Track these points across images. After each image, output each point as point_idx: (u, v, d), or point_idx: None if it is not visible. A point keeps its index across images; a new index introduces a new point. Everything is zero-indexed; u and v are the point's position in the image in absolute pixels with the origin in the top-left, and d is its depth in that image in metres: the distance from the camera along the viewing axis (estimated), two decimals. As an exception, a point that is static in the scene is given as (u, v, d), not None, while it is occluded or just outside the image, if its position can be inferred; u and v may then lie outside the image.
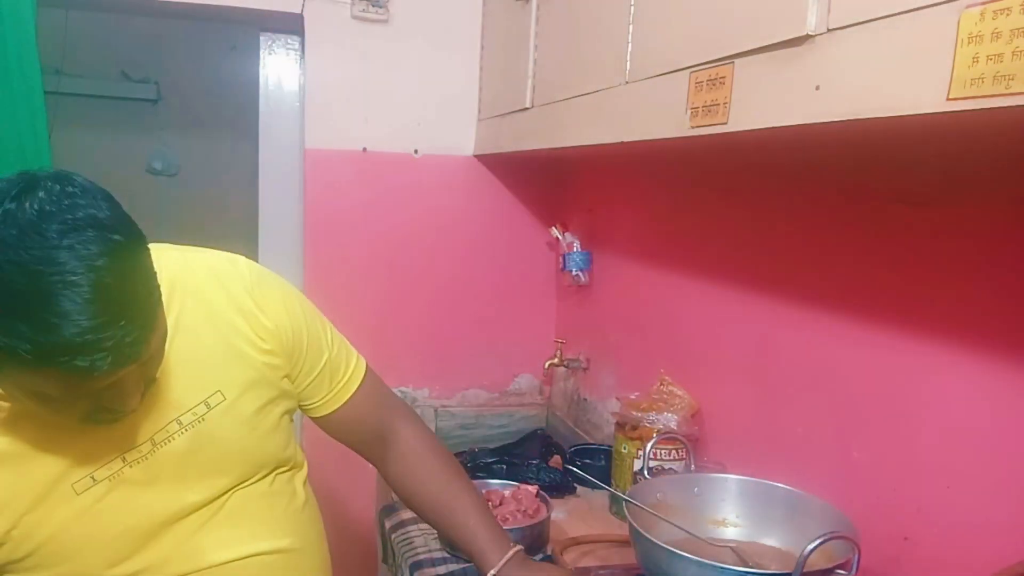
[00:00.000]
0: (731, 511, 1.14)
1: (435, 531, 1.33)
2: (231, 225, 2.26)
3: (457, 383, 2.14)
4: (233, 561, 0.97)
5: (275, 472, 1.03)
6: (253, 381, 0.97)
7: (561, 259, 1.99)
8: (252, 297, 0.98)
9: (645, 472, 1.20)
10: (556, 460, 1.72)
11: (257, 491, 1.00)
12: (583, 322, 2.03)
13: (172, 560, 0.93)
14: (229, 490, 0.97)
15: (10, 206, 0.72)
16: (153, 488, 0.91)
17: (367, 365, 1.14)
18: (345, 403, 1.09)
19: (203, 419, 0.93)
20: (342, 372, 1.10)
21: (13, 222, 0.70)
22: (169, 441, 0.91)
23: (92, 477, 0.88)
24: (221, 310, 0.96)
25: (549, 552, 1.27)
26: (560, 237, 1.97)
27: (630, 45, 1.14)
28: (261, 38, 2.03)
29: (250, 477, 0.99)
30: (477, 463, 1.64)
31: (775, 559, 1.05)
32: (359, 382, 1.11)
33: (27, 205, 0.72)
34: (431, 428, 2.08)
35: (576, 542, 1.31)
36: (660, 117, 1.03)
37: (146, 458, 0.90)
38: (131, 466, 0.90)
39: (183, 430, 0.92)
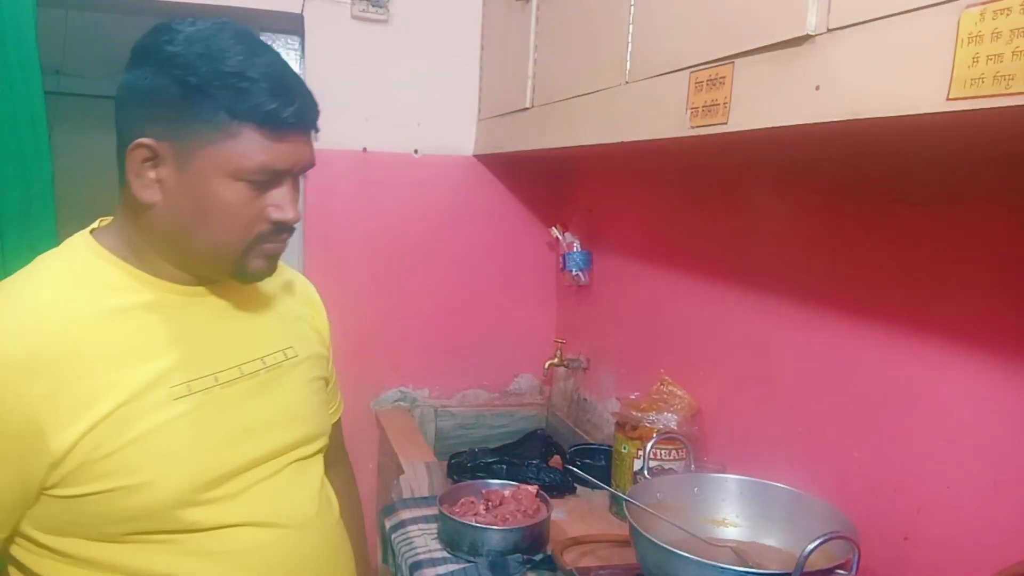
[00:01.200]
0: (731, 511, 1.14)
1: (435, 531, 1.34)
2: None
3: (457, 383, 2.14)
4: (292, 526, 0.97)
5: (321, 451, 1.06)
6: (314, 354, 1.08)
7: (561, 259, 1.99)
8: (315, 297, 1.16)
9: (645, 472, 1.20)
10: (556, 460, 1.72)
11: (315, 466, 1.04)
12: (583, 322, 2.03)
13: (236, 507, 0.91)
14: (291, 450, 0.99)
15: (190, 28, 0.85)
16: (235, 417, 0.93)
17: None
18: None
19: (280, 366, 1.00)
20: (335, 403, 1.21)
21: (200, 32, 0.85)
22: (255, 375, 0.96)
23: (188, 386, 0.89)
24: (296, 290, 1.12)
25: (549, 552, 1.27)
26: (560, 237, 1.97)
27: (630, 45, 1.14)
28: (261, 38, 2.03)
29: (308, 442, 1.02)
30: (477, 463, 1.64)
31: (775, 559, 1.05)
32: (339, 416, 1.23)
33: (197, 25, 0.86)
34: (431, 428, 2.09)
35: (576, 542, 1.31)
36: (660, 117, 1.03)
37: (234, 384, 0.93)
38: (222, 387, 0.92)
39: (266, 369, 0.98)
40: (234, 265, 0.91)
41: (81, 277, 0.88)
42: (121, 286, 0.88)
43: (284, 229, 0.91)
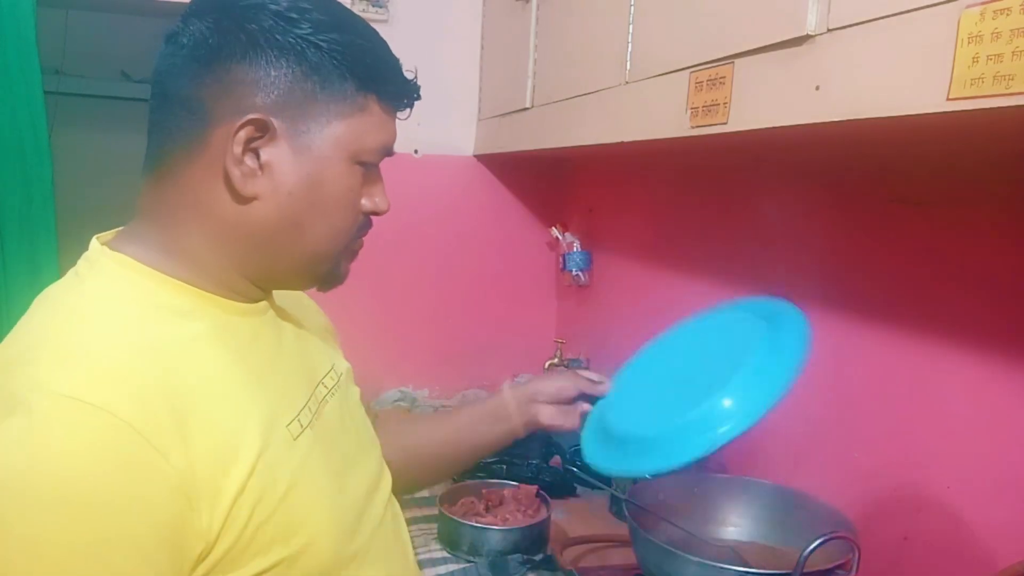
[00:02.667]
0: (731, 511, 1.14)
1: (435, 531, 1.33)
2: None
3: (457, 383, 2.13)
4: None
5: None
6: (349, 370, 0.96)
7: (561, 259, 1.99)
8: (311, 301, 0.99)
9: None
10: (556, 460, 1.72)
11: (397, 507, 0.93)
12: (583, 322, 2.03)
13: (373, 567, 0.78)
14: (377, 481, 0.87)
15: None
16: (338, 449, 0.79)
17: None
18: None
19: (338, 386, 0.87)
20: None
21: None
22: (326, 402, 0.82)
23: (299, 422, 0.73)
24: (301, 297, 0.96)
25: (549, 552, 1.27)
26: (560, 237, 1.97)
27: (630, 45, 1.14)
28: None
29: (383, 467, 0.91)
30: (477, 463, 1.63)
31: (775, 559, 1.05)
32: None
33: None
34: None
35: (576, 542, 1.31)
36: (660, 117, 1.03)
37: (320, 412, 0.79)
38: (317, 417, 0.77)
39: (330, 393, 0.84)
40: (331, 266, 0.78)
41: (141, 301, 0.67)
42: (183, 309, 0.69)
43: (369, 222, 0.81)
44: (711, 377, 0.91)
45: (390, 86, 0.75)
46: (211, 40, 0.68)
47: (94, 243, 0.72)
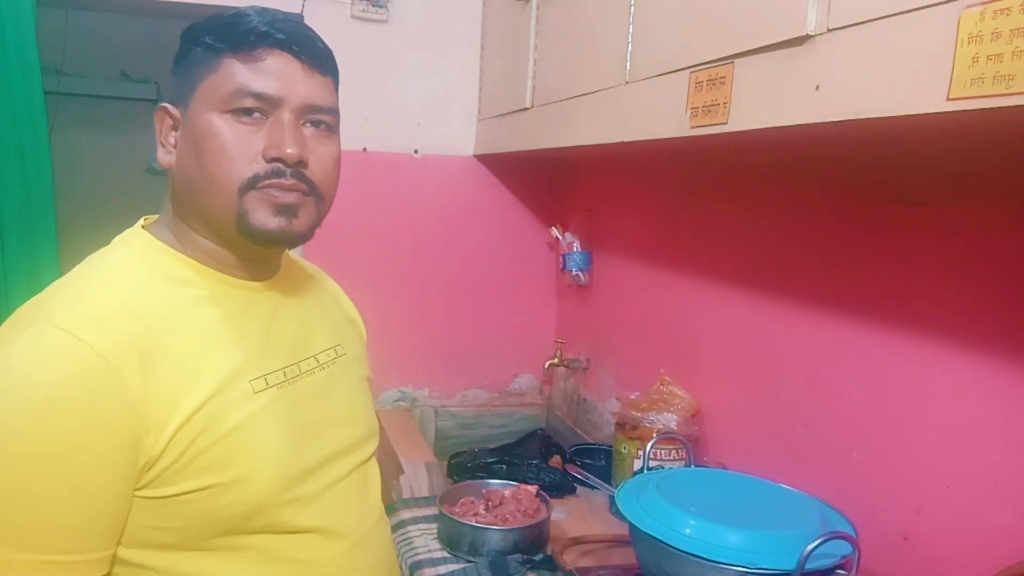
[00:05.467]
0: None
1: (435, 531, 1.34)
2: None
3: (457, 383, 2.14)
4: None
5: (374, 454, 1.05)
6: (360, 354, 1.09)
7: (561, 259, 1.99)
8: (354, 309, 1.18)
9: (645, 472, 1.20)
10: (556, 460, 1.72)
11: (373, 473, 1.04)
12: (583, 322, 2.03)
13: (316, 511, 0.89)
14: (354, 450, 0.98)
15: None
16: (306, 412, 0.91)
17: None
18: None
19: (334, 363, 0.99)
20: None
21: None
22: (311, 373, 0.94)
23: (265, 380, 0.86)
24: (339, 298, 1.15)
25: (549, 552, 1.27)
26: (560, 237, 1.97)
27: (630, 45, 1.14)
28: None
29: (366, 440, 1.01)
30: (477, 463, 1.64)
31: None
32: None
33: None
34: (431, 428, 2.09)
35: (576, 542, 1.31)
36: (660, 117, 1.03)
37: (298, 380, 0.91)
38: (290, 382, 0.90)
39: (320, 367, 0.96)
40: (235, 212, 0.83)
41: (147, 270, 0.85)
42: (184, 279, 0.86)
43: (284, 171, 0.83)
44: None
45: (238, 39, 0.82)
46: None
47: (137, 224, 0.91)
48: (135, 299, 0.80)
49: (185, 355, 0.80)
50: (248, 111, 0.82)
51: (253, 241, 0.85)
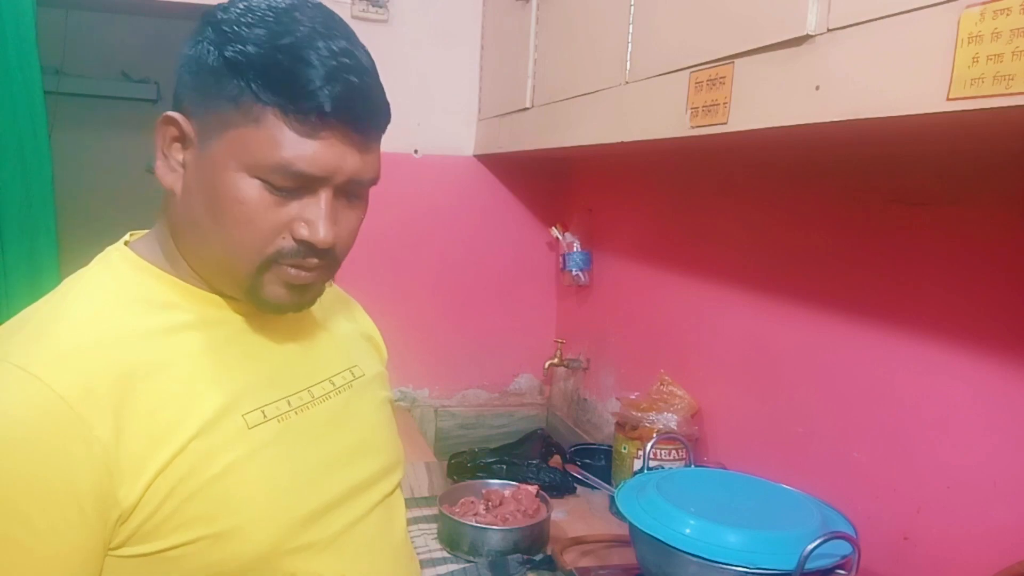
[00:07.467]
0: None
1: (435, 531, 1.34)
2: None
3: (457, 383, 2.14)
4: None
5: (400, 485, 0.94)
6: (380, 374, 0.96)
7: (561, 259, 1.99)
8: (370, 321, 1.05)
9: (645, 472, 1.20)
10: (556, 460, 1.72)
11: (399, 507, 0.93)
12: (583, 322, 2.03)
13: (331, 559, 0.78)
14: (375, 483, 0.87)
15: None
16: (317, 446, 0.80)
17: None
18: None
19: (351, 386, 0.88)
20: None
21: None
22: (326, 398, 0.83)
23: (263, 412, 0.75)
24: (356, 316, 1.01)
25: (549, 552, 1.27)
26: (560, 237, 1.97)
27: (630, 45, 1.14)
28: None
29: (390, 472, 0.90)
30: (477, 463, 1.64)
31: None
32: None
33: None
34: (431, 428, 2.09)
35: (576, 542, 1.31)
36: (660, 117, 1.03)
37: (307, 409, 0.80)
38: (296, 412, 0.79)
39: (336, 391, 0.85)
40: (248, 284, 0.74)
41: (123, 294, 0.74)
42: (169, 302, 0.75)
43: (311, 252, 0.73)
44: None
45: (298, 103, 0.68)
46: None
47: (120, 241, 0.80)
48: (108, 330, 0.70)
49: (166, 391, 0.70)
50: (285, 188, 0.71)
51: (258, 308, 0.78)
